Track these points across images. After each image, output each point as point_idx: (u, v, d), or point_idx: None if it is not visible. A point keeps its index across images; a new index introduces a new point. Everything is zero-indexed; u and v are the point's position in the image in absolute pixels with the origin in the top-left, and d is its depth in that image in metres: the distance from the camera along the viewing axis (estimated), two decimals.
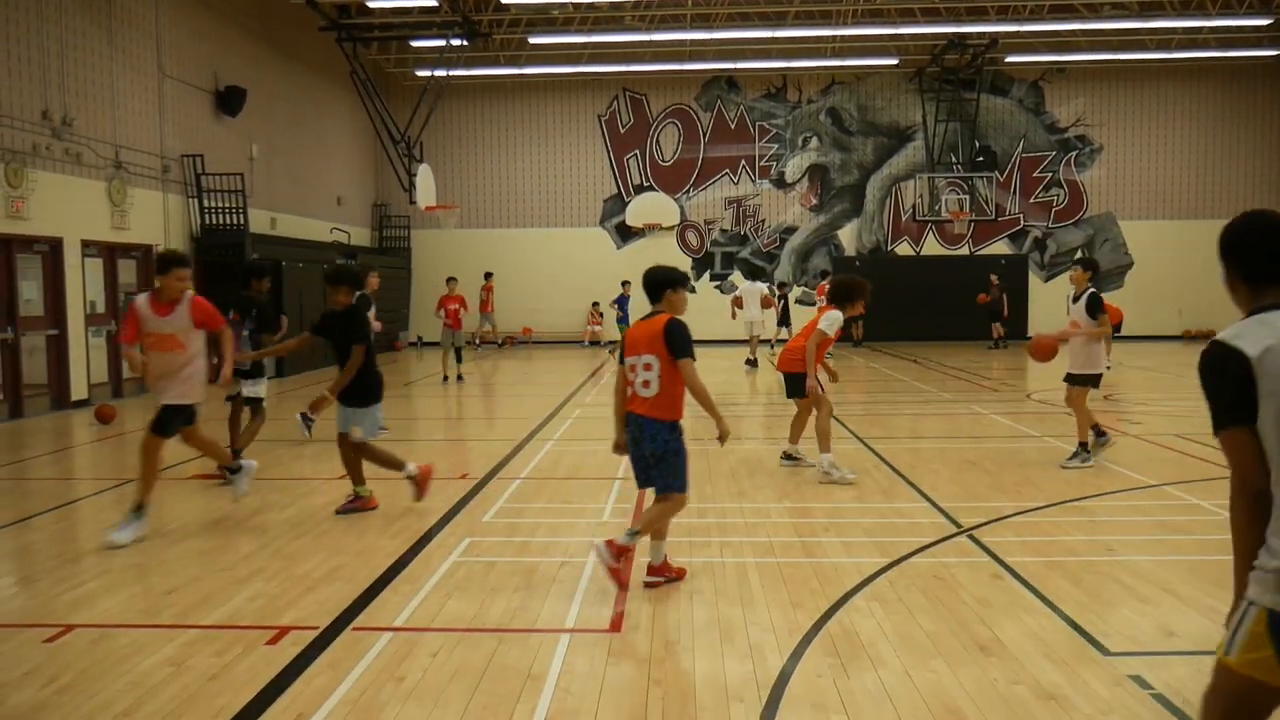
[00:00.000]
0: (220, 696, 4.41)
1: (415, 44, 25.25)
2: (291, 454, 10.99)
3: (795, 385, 9.57)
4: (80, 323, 15.57)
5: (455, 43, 23.36)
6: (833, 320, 9.13)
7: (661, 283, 6.01)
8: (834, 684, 4.48)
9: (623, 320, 23.61)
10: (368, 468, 8.14)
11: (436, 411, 15.52)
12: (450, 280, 19.38)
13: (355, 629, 5.27)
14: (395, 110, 25.99)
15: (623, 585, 5.76)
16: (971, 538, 6.99)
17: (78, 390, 15.46)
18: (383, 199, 29.24)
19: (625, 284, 24.14)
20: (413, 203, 24.54)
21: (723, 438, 6.00)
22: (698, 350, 5.87)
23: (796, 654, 4.84)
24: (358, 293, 8.75)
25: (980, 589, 5.83)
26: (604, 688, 4.49)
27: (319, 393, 8.08)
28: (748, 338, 21.13)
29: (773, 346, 23.81)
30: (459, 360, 19.14)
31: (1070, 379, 9.71)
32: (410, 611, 5.54)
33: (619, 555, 5.74)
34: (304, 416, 8.40)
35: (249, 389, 9.84)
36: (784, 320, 24.97)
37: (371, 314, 12.51)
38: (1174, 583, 5.91)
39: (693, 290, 13.21)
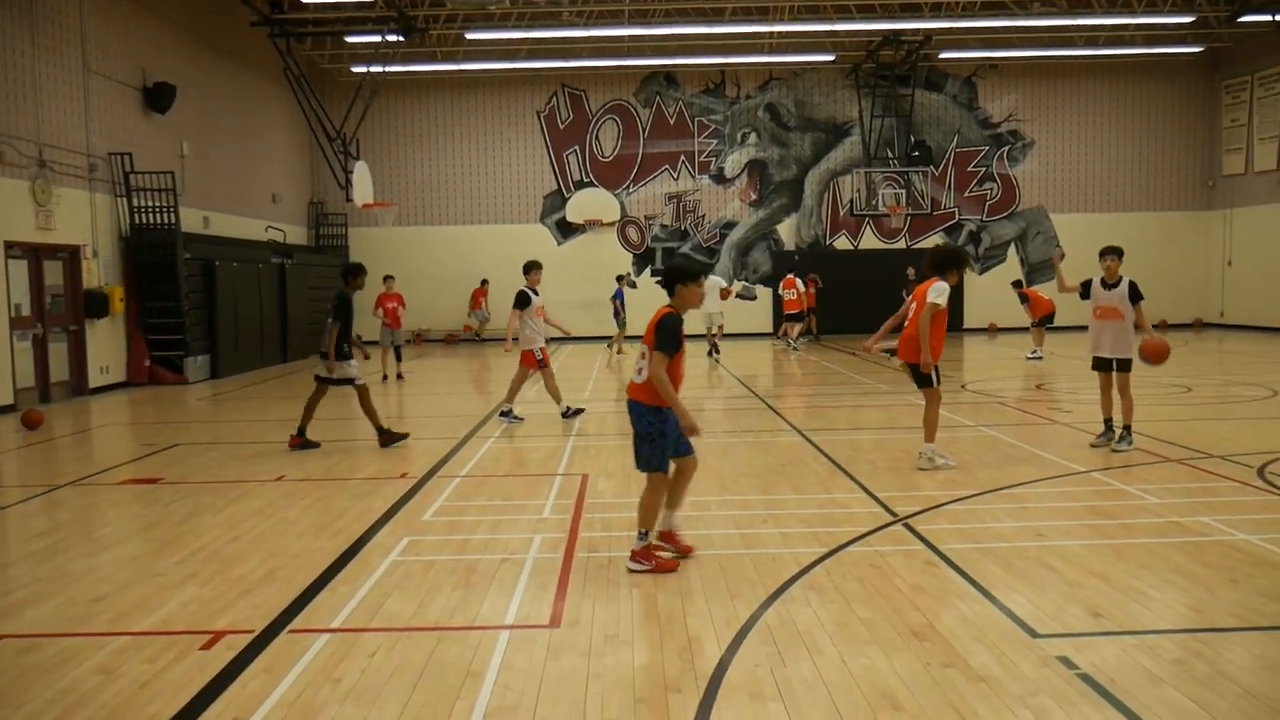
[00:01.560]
0: (153, 704, 4.34)
1: (350, 40, 24.92)
2: (225, 455, 10.82)
3: (922, 377, 9.16)
4: (5, 326, 15.15)
5: (391, 38, 23.12)
6: (941, 290, 8.92)
7: (670, 276, 6.34)
8: (771, 673, 4.53)
9: (619, 314, 23.29)
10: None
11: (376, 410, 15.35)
12: (387, 279, 19.19)
13: (292, 631, 5.22)
14: (331, 107, 25.66)
15: (673, 568, 6.13)
16: (907, 526, 7.11)
17: (3, 395, 15.04)
18: (319, 197, 28.85)
19: (620, 278, 24.07)
20: (349, 200, 24.25)
21: (688, 433, 6.18)
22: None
23: (734, 645, 4.89)
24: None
25: (914, 576, 5.94)
26: (543, 682, 4.50)
27: (254, 395, 7.98)
28: (706, 329, 21.88)
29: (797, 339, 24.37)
30: (399, 359, 18.98)
31: (1110, 364, 9.85)
32: (348, 612, 5.50)
33: (649, 556, 6.14)
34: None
35: (340, 371, 10.93)
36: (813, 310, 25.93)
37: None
38: (1100, 566, 6.08)
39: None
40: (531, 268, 12.66)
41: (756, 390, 16.16)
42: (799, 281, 24.56)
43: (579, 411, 12.87)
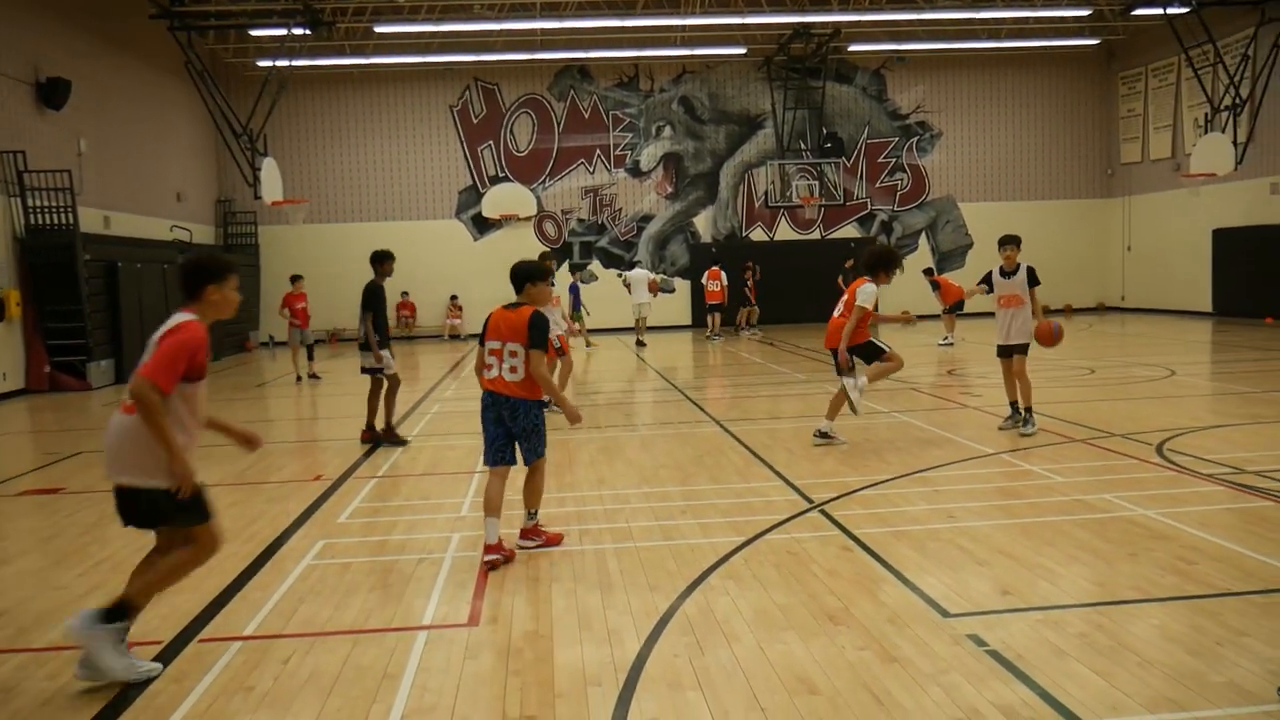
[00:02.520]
0: None
1: (255, 33, 24.34)
2: None
3: (860, 355, 9.89)
4: None
5: (297, 32, 22.61)
6: (869, 293, 9.55)
7: (522, 276, 6.47)
8: (690, 663, 4.56)
9: (577, 308, 23.44)
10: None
11: (289, 412, 15.07)
12: (295, 278, 18.79)
13: (202, 640, 5.09)
14: (237, 102, 24.99)
15: (559, 540, 6.61)
16: (823, 512, 7.22)
17: None
18: (226, 194, 28.13)
19: (577, 272, 24.36)
20: (258, 198, 23.64)
21: (572, 421, 6.46)
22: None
23: (654, 636, 4.91)
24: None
25: (830, 561, 6.03)
26: (462, 682, 4.46)
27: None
28: (635, 320, 23.11)
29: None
30: (310, 358, 18.63)
31: (1012, 350, 10.21)
32: (261, 619, 5.38)
33: (538, 533, 6.55)
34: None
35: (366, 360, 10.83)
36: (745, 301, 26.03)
37: None
38: (1009, 545, 6.25)
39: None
40: (544, 259, 13.03)
41: (676, 382, 16.24)
42: (723, 274, 24.92)
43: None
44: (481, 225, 28.92)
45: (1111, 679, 4.22)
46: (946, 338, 20.93)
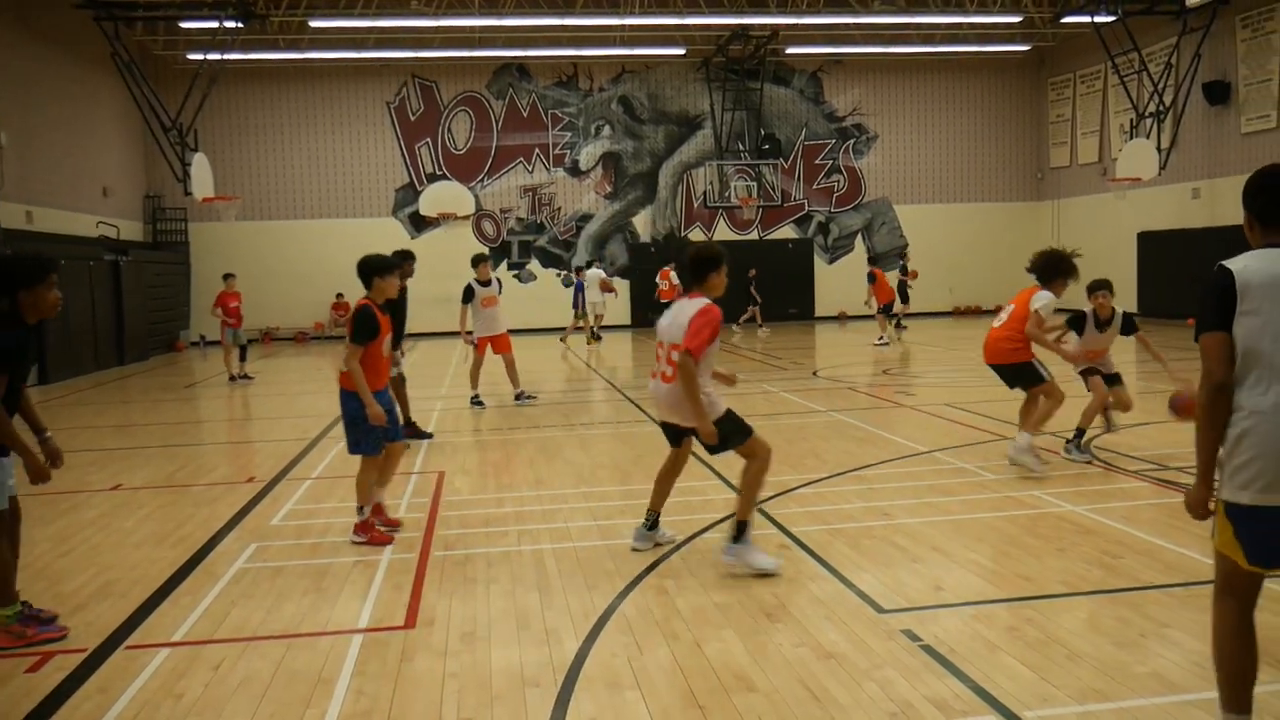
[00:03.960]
0: None
1: (185, 25, 23.81)
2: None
3: (1010, 376, 8.52)
4: None
5: (229, 24, 22.16)
6: (1048, 301, 8.26)
7: (366, 270, 6.86)
8: (628, 663, 4.57)
9: (578, 305, 24.19)
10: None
11: (221, 413, 14.78)
12: (228, 277, 18.41)
13: (129, 647, 4.96)
14: (166, 96, 24.40)
15: (388, 541, 6.65)
16: (760, 511, 7.26)
17: None
18: (155, 190, 27.46)
19: (578, 270, 24.98)
20: (188, 194, 23.14)
21: (373, 421, 6.56)
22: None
23: (592, 636, 4.91)
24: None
25: None
26: (398, 685, 4.41)
27: (88, 401, 7.61)
28: (590, 318, 24.33)
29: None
30: (243, 358, 18.28)
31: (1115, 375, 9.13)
32: (190, 624, 5.27)
33: (367, 529, 6.66)
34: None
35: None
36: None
37: None
38: (941, 541, 6.35)
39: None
40: (479, 261, 13.30)
41: (616, 382, 16.24)
42: (673, 273, 24.94)
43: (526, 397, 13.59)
44: (419, 224, 28.62)
45: (1041, 671, 4.31)
46: (881, 338, 21.21)
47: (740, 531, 5.76)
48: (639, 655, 4.64)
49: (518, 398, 13.55)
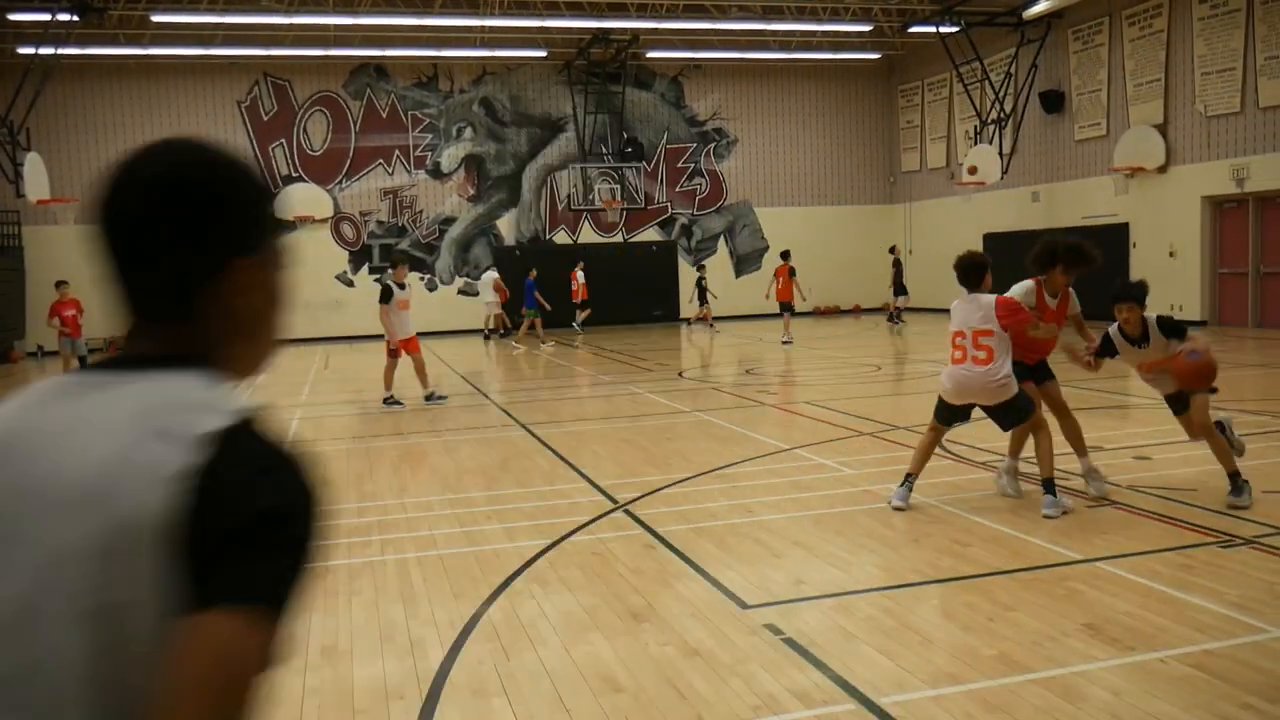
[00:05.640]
0: None
1: (14, 17, 22.44)
2: None
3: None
4: None
5: (63, 17, 21.01)
6: (1020, 289, 7.57)
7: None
8: (495, 669, 4.52)
9: (531, 305, 23.32)
10: None
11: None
12: (60, 284, 17.40)
13: None
14: None
15: None
16: (627, 512, 7.31)
17: None
18: None
19: (531, 271, 24.35)
20: (21, 196, 21.85)
21: None
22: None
23: (458, 644, 4.84)
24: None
25: (634, 560, 6.11)
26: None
27: None
28: (485, 319, 25.60)
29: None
30: (83, 370, 17.33)
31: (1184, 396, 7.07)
32: None
33: None
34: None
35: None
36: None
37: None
38: (803, 536, 6.51)
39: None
40: (398, 263, 13.85)
41: (481, 387, 16.08)
42: (580, 273, 25.78)
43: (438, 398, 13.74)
44: None
45: (896, 658, 4.46)
46: (785, 338, 21.43)
47: (1049, 488, 6.82)
48: (505, 661, 4.61)
49: (428, 398, 13.60)
